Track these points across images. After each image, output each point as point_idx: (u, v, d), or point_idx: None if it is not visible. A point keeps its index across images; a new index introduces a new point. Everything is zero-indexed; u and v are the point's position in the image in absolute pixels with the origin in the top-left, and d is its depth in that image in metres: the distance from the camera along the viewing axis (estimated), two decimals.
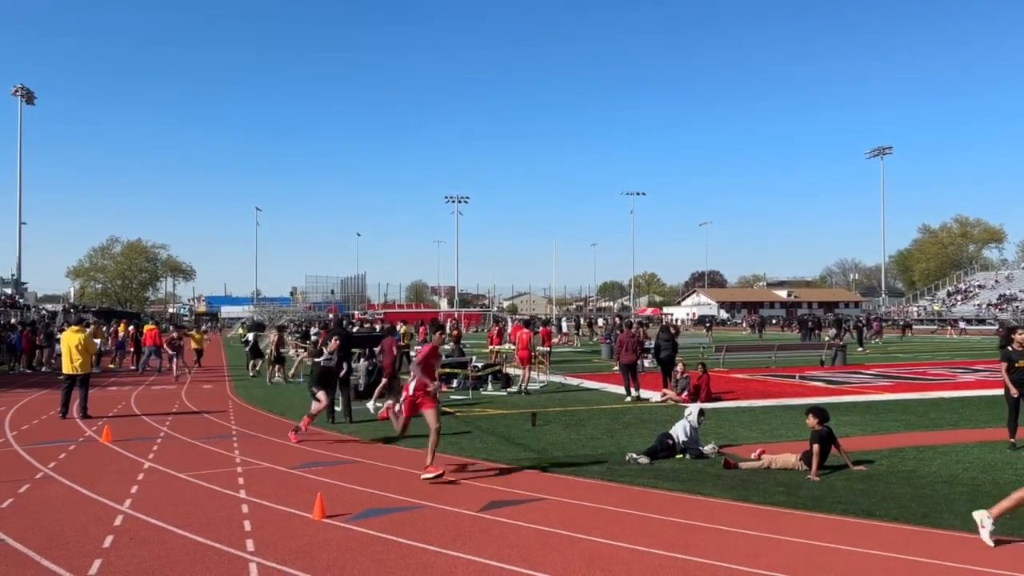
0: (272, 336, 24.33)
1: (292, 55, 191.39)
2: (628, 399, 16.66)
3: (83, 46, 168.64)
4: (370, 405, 15.22)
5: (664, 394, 16.41)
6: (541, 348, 25.01)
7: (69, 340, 14.48)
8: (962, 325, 60.29)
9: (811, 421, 9.40)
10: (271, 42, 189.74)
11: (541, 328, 26.71)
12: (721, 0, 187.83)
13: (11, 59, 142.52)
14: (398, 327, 30.99)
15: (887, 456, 10.09)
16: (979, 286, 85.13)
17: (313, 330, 30.82)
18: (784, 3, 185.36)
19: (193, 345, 28.26)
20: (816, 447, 9.04)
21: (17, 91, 59.71)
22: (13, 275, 58.86)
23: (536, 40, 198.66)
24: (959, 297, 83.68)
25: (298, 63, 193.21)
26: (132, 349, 29.44)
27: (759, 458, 9.66)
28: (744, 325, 75.84)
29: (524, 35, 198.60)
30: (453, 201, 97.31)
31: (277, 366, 22.01)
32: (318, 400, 12.00)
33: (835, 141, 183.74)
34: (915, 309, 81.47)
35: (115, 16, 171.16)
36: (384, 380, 15.23)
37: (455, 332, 24.63)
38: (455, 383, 18.96)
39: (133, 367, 27.80)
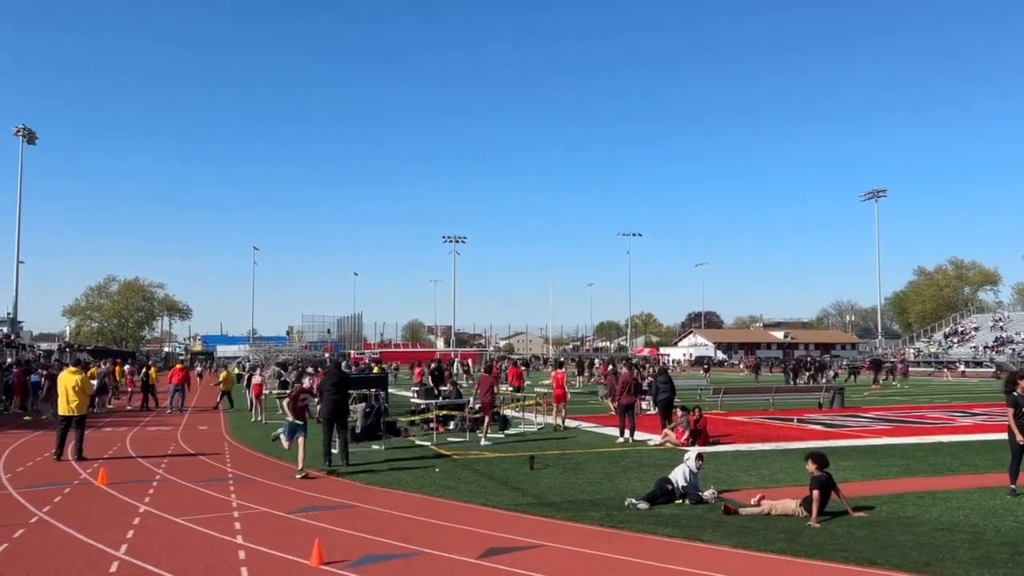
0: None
1: (290, 92, 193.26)
2: (620, 440, 16.64)
3: (79, 82, 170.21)
4: (483, 440, 16.54)
5: (665, 436, 16.33)
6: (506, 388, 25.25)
7: (66, 381, 14.42)
8: (961, 368, 60.25)
9: (810, 467, 9.37)
10: (269, 80, 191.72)
11: (509, 368, 26.75)
12: (715, 42, 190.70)
13: (8, 94, 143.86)
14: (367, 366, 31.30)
15: (887, 502, 10.05)
16: (975, 328, 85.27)
17: (309, 370, 30.81)
18: (777, 44, 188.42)
19: (221, 387, 28.22)
20: (816, 493, 9.00)
21: (19, 131, 59.98)
22: (9, 314, 58.70)
23: (533, 80, 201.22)
24: (955, 339, 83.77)
25: (296, 101, 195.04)
26: (130, 389, 29.57)
27: (759, 504, 9.62)
28: (741, 366, 75.56)
29: (521, 75, 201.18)
30: (450, 241, 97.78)
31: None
32: None
33: (830, 183, 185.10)
34: (911, 351, 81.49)
35: (112, 52, 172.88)
36: (487, 417, 17.02)
37: (446, 372, 24.74)
38: (452, 425, 18.88)
39: (129, 407, 27.85)
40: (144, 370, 29.71)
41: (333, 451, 13.65)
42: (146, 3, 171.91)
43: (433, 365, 29.08)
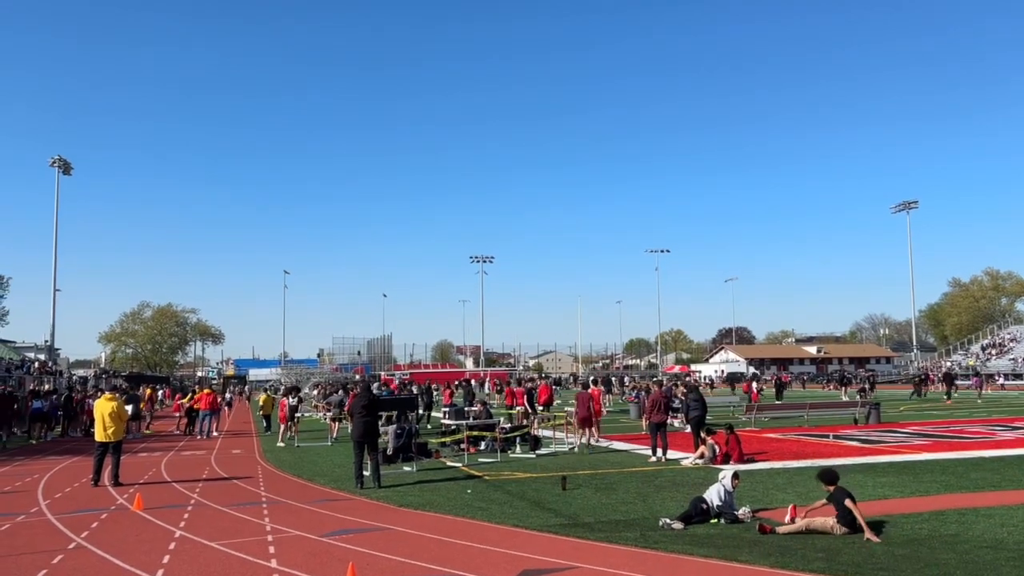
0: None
1: (315, 112, 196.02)
2: (653, 459, 16.47)
3: (112, 106, 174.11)
4: (576, 448, 18.53)
5: (703, 455, 16.13)
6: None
7: (103, 408, 14.64)
8: (1000, 380, 58.99)
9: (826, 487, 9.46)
10: (295, 101, 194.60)
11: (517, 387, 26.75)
12: (743, 53, 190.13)
13: (40, 115, 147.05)
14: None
15: (928, 519, 9.83)
16: (1013, 340, 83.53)
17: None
18: (807, 54, 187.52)
19: (261, 411, 28.49)
20: (852, 504, 8.97)
21: (54, 163, 60.98)
22: (47, 341, 59.78)
23: (558, 99, 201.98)
24: (993, 351, 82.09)
25: (321, 122, 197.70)
26: (177, 413, 30.22)
27: (793, 520, 9.49)
28: (769, 382, 73.45)
29: (546, 94, 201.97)
30: (478, 261, 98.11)
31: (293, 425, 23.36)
32: None
33: (860, 195, 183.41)
34: (947, 363, 79.98)
35: (144, 73, 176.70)
36: (584, 430, 19.02)
37: (473, 396, 24.78)
38: (483, 445, 18.84)
39: (177, 431, 28.32)
40: (189, 395, 30.13)
41: (365, 473, 13.69)
42: (176, 24, 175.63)
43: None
